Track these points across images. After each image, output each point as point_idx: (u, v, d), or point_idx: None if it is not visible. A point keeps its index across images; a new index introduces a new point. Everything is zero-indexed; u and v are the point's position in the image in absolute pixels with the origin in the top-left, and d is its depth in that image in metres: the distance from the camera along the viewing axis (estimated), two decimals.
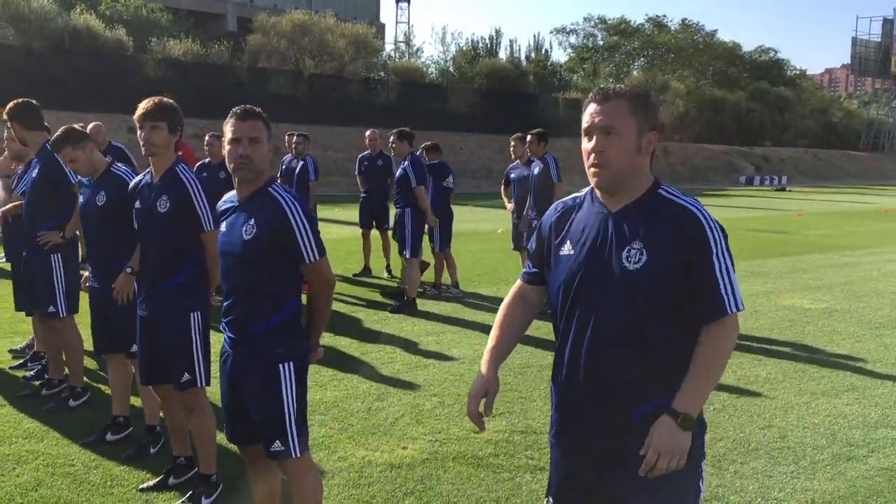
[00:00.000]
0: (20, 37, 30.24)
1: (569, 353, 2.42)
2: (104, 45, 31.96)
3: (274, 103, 27.83)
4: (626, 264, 2.29)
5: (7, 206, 6.02)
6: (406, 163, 9.18)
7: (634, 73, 63.56)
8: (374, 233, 11.23)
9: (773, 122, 63.68)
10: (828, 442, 5.17)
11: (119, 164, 4.82)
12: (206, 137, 9.52)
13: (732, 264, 2.29)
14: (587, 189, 2.50)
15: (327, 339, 6.85)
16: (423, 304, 9.27)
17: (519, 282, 2.70)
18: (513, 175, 9.84)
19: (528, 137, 9.11)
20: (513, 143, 9.84)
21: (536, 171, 8.92)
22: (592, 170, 2.35)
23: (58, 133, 4.75)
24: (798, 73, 74.00)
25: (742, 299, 2.31)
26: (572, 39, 68.78)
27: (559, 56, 75.13)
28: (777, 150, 60.91)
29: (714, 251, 2.26)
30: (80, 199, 4.78)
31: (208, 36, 39.94)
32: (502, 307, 2.68)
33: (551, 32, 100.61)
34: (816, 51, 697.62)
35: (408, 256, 9.14)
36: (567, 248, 2.44)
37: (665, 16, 76.28)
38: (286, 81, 37.18)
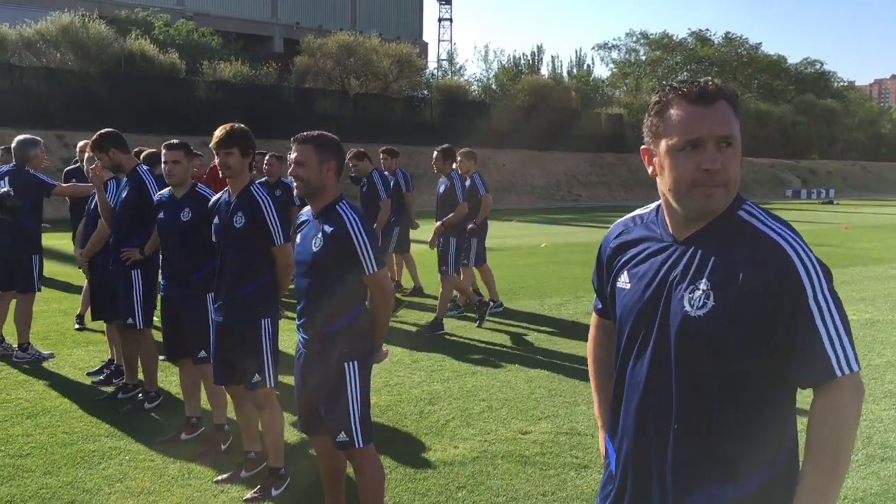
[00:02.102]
0: (79, 62, 31.44)
1: (622, 412, 2.02)
2: (158, 69, 33.08)
3: (320, 123, 28.47)
4: (689, 309, 1.82)
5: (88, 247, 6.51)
6: (450, 180, 9.49)
7: None
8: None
9: (820, 134, 62.99)
10: (863, 444, 5.35)
11: (202, 185, 5.24)
12: (266, 157, 9.97)
13: (841, 310, 1.76)
14: (652, 207, 2.07)
15: (387, 349, 7.23)
16: (472, 315, 9.60)
17: (594, 316, 2.36)
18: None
19: (434, 154, 9.22)
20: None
21: (442, 188, 9.17)
22: (703, 191, 1.82)
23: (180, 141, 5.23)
24: (846, 84, 73.17)
25: (856, 355, 1.77)
26: (614, 55, 69.09)
27: (601, 71, 75.64)
28: (824, 162, 60.23)
29: (811, 295, 1.74)
30: (161, 214, 5.22)
31: (257, 58, 41.00)
32: (589, 351, 2.38)
33: (593, 48, 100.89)
34: (865, 62, 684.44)
35: (450, 273, 9.45)
36: (624, 281, 2.02)
37: (708, 29, 76.00)
38: (331, 101, 38.03)
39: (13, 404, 6.03)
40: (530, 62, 55.64)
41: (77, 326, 8.51)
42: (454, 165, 9.38)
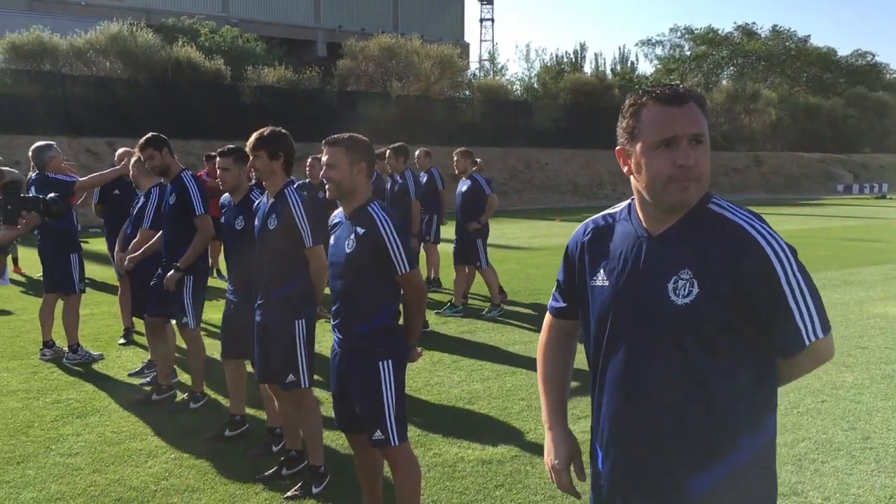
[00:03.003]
0: (127, 70, 32.12)
1: (607, 411, 2.09)
2: (204, 76, 33.61)
3: (362, 125, 28.68)
4: (674, 298, 1.92)
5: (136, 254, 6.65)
6: (470, 182, 9.70)
7: (724, 82, 62.43)
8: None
9: (872, 127, 61.40)
10: None
11: (256, 191, 5.31)
12: (308, 160, 10.10)
13: (809, 283, 1.90)
14: (622, 206, 2.16)
15: (422, 348, 7.27)
16: (512, 314, 9.61)
17: (548, 316, 2.43)
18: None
19: (387, 152, 9.20)
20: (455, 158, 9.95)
21: (397, 187, 9.18)
22: (679, 185, 1.94)
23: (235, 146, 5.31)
24: None
25: (826, 321, 1.93)
26: (658, 51, 68.34)
27: (645, 68, 74.85)
28: (877, 156, 58.75)
29: (783, 277, 1.87)
30: (223, 220, 5.31)
31: (300, 62, 41.45)
32: (540, 352, 2.43)
33: (637, 45, 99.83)
34: None
35: (483, 267, 9.63)
36: (601, 279, 2.09)
37: (755, 23, 74.66)
38: (374, 103, 38.23)
39: (64, 404, 6.21)
40: (573, 60, 55.23)
41: (122, 342, 8.34)
42: (401, 164, 9.45)
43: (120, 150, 8.06)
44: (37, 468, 4.93)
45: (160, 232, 6.22)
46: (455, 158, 9.87)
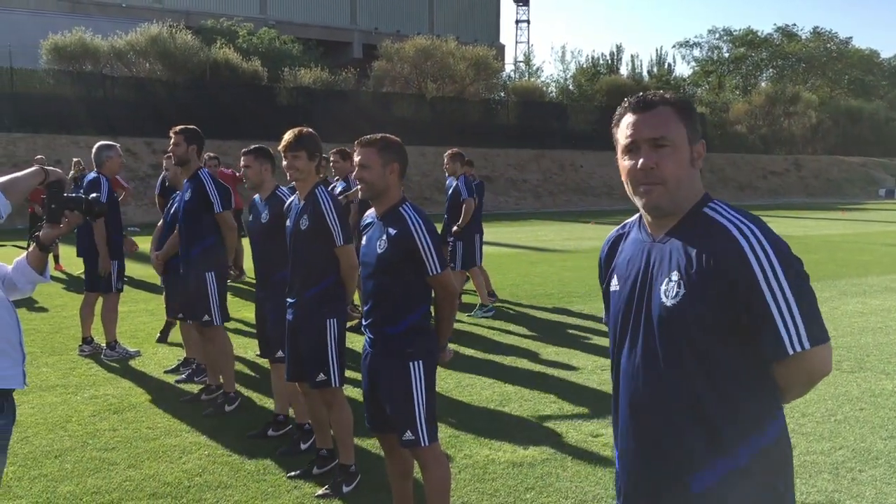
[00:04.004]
0: (167, 71, 32.60)
1: (617, 411, 2.16)
2: (241, 77, 34.00)
3: (397, 126, 28.80)
4: (664, 299, 1.97)
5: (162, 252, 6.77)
6: (459, 183, 9.76)
7: (762, 84, 61.64)
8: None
9: None
10: None
11: (283, 187, 5.36)
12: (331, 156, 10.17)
13: (797, 290, 1.87)
14: (636, 215, 2.21)
15: (453, 349, 7.29)
16: (544, 317, 9.57)
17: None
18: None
19: (332, 157, 9.06)
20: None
21: (339, 190, 9.06)
22: (643, 188, 2.02)
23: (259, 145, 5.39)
24: None
25: (816, 332, 1.88)
26: (696, 52, 67.69)
27: (682, 70, 74.12)
28: None
29: (762, 279, 1.86)
30: (250, 216, 5.38)
31: (336, 63, 41.71)
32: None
33: (674, 46, 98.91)
34: None
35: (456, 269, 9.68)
36: (614, 284, 2.17)
37: (795, 24, 73.63)
38: (409, 105, 38.39)
39: (101, 400, 6.31)
40: (609, 62, 54.95)
41: (159, 337, 8.44)
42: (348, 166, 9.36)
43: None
44: (74, 462, 5.02)
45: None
46: (445, 160, 9.94)
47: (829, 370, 1.95)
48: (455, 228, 9.62)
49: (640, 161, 2.01)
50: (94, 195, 3.31)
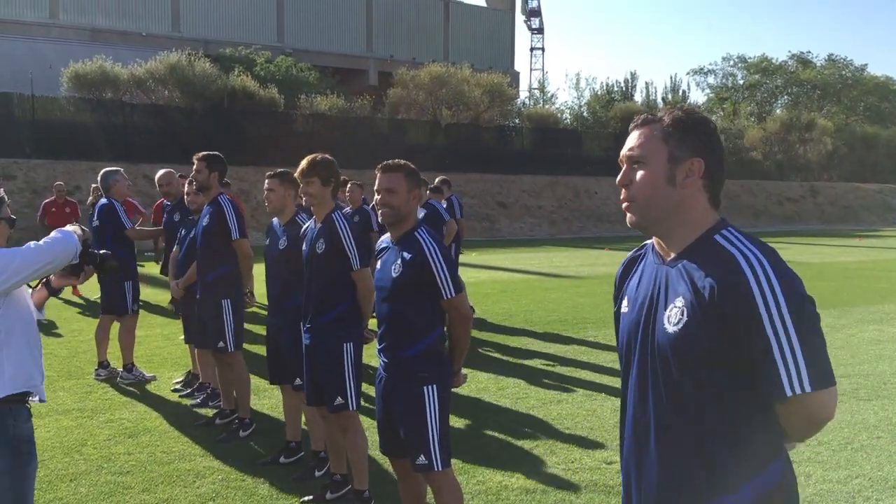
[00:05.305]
0: (185, 99, 32.97)
1: (622, 437, 2.13)
2: (259, 104, 34.32)
3: (412, 153, 28.99)
4: (667, 326, 1.91)
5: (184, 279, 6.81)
6: (427, 210, 9.68)
7: (777, 111, 61.56)
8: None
9: None
10: None
11: (303, 214, 5.41)
12: (349, 185, 10.30)
13: (802, 330, 1.78)
14: (654, 238, 2.13)
15: (467, 373, 7.30)
16: (559, 344, 9.55)
17: None
18: None
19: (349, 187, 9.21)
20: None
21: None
22: (623, 206, 2.05)
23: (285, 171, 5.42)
24: None
25: (819, 376, 1.79)
26: (710, 80, 67.76)
27: (697, 97, 74.12)
28: None
29: (765, 315, 1.77)
30: (267, 241, 5.43)
31: (352, 91, 42.05)
32: None
33: (688, 73, 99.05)
34: None
35: None
36: (625, 307, 2.13)
37: (810, 52, 73.48)
38: (424, 131, 38.56)
39: (116, 424, 6.34)
40: (623, 89, 55.07)
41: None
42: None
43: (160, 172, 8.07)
44: (88, 486, 5.04)
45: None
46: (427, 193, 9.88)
47: (830, 416, 1.86)
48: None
49: (618, 178, 2.05)
50: (104, 252, 3.41)
